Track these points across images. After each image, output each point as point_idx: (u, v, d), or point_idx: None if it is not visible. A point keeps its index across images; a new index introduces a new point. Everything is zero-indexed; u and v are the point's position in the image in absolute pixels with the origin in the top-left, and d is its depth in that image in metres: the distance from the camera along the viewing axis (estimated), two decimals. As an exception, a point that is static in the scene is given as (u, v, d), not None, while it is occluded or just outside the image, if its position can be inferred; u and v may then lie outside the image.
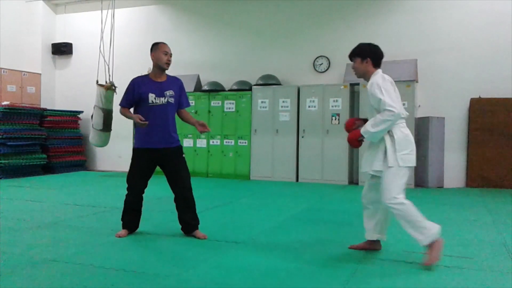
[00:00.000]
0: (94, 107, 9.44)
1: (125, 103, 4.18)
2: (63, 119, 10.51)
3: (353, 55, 3.64)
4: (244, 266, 3.36)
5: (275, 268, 3.30)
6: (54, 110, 10.48)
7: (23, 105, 10.12)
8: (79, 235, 4.29)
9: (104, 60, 9.28)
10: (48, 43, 11.46)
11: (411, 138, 3.47)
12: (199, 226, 4.26)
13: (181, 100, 4.27)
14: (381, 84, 3.44)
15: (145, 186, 4.25)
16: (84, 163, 10.98)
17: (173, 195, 4.25)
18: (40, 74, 11.25)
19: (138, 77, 4.25)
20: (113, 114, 9.58)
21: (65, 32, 11.55)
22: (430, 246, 3.33)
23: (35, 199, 6.49)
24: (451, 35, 8.34)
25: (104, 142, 9.63)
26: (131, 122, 10.63)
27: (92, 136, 9.59)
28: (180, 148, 4.26)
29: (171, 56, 4.17)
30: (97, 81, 9.40)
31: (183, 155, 4.26)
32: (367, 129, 3.44)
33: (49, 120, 10.11)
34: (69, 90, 11.52)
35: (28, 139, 9.46)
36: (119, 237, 4.17)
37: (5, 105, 9.27)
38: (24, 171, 9.43)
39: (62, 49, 11.40)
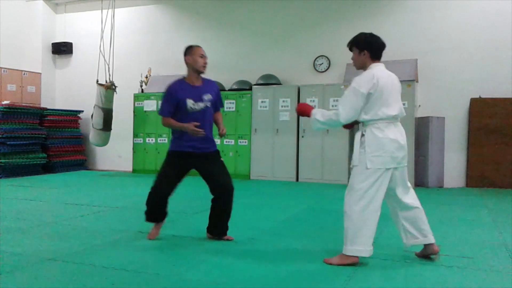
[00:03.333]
0: (94, 107, 9.47)
1: (167, 112, 3.93)
2: (63, 119, 10.51)
3: (351, 44, 3.62)
4: (244, 266, 3.36)
5: (275, 268, 3.29)
6: (54, 110, 10.48)
7: (23, 104, 10.12)
8: (79, 235, 4.29)
9: (104, 60, 9.30)
10: (48, 42, 11.46)
11: (385, 141, 3.30)
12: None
13: (216, 102, 4.11)
14: (356, 83, 3.37)
15: (174, 188, 4.07)
16: (84, 163, 10.98)
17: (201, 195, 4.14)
18: (40, 73, 11.25)
19: (175, 82, 4.04)
20: (113, 114, 9.63)
21: (65, 32, 11.55)
22: (344, 256, 3.31)
23: (35, 198, 6.49)
24: (451, 35, 8.34)
25: (104, 142, 9.66)
26: (131, 122, 10.67)
27: (92, 136, 9.62)
28: (218, 152, 4.12)
29: (207, 59, 4.04)
30: (97, 81, 9.42)
31: (221, 159, 4.13)
32: (316, 114, 3.43)
33: (49, 119, 10.11)
34: (69, 90, 11.52)
35: (28, 138, 9.46)
36: (152, 238, 4.04)
37: (5, 104, 9.28)
38: (24, 170, 9.43)
39: (62, 49, 11.40)
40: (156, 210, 4.07)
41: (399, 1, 8.76)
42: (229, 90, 9.49)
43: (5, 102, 9.56)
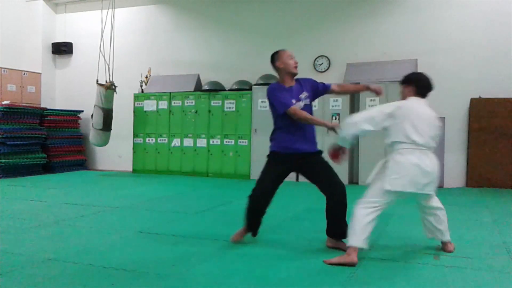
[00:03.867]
0: (94, 107, 9.47)
1: (290, 102, 3.82)
2: (63, 119, 10.51)
3: (403, 80, 3.84)
4: (244, 266, 3.36)
5: (275, 268, 3.30)
6: (54, 110, 10.47)
7: (23, 104, 10.13)
8: (79, 235, 4.29)
9: (104, 60, 9.29)
10: (48, 42, 11.46)
11: (406, 164, 3.43)
12: None
13: (318, 89, 4.03)
14: (384, 107, 3.68)
15: (276, 190, 4.00)
16: (84, 163, 10.98)
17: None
18: (40, 73, 11.25)
19: (274, 84, 4.01)
20: (113, 114, 9.63)
21: (65, 32, 11.55)
22: (344, 256, 3.41)
23: (35, 198, 6.49)
24: (451, 35, 8.34)
25: (104, 142, 9.66)
26: (131, 122, 10.66)
27: (92, 136, 9.62)
28: (321, 152, 4.05)
29: (295, 58, 3.98)
30: (97, 81, 9.42)
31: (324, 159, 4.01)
32: (340, 132, 3.79)
33: (49, 119, 10.11)
34: (69, 90, 11.53)
35: (28, 138, 9.46)
36: (235, 241, 3.97)
37: (5, 104, 9.28)
38: (24, 170, 9.43)
39: (62, 49, 11.40)
40: (255, 215, 3.99)
41: (399, 1, 8.76)
42: (229, 90, 9.49)
43: (5, 102, 9.57)
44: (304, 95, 3.92)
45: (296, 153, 3.90)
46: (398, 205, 6.11)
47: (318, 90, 4.06)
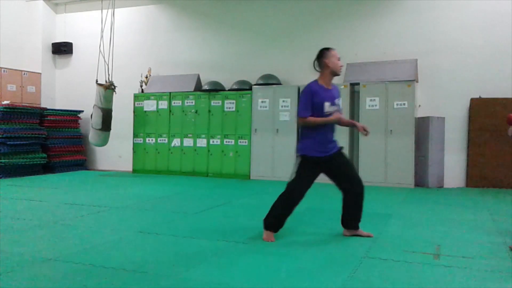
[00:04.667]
0: (93, 107, 9.46)
1: (307, 114, 3.95)
2: (63, 119, 10.51)
3: None
4: (244, 266, 3.36)
5: (275, 268, 3.30)
6: (54, 110, 10.48)
7: (23, 104, 10.13)
8: (79, 235, 4.29)
9: (104, 60, 9.29)
10: (48, 42, 11.46)
11: None
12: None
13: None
14: None
15: (304, 195, 4.14)
16: (84, 163, 10.98)
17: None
18: (40, 73, 11.25)
19: (313, 84, 4.06)
20: (113, 114, 9.63)
21: (65, 32, 11.55)
22: None
23: (35, 198, 6.49)
24: (451, 35, 8.34)
25: (103, 142, 9.66)
26: (131, 122, 10.69)
27: (92, 136, 9.62)
28: (341, 148, 4.17)
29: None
30: (97, 81, 9.42)
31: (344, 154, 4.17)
32: None
33: (49, 119, 10.12)
34: (69, 90, 11.53)
35: (28, 138, 9.47)
36: (269, 241, 4.01)
37: (5, 104, 9.28)
38: (24, 170, 9.43)
39: (62, 49, 11.41)
40: (283, 217, 4.09)
41: (399, 1, 8.76)
42: (229, 90, 9.49)
43: (5, 102, 9.57)
44: (338, 101, 4.06)
45: (324, 156, 4.01)
46: (398, 205, 6.12)
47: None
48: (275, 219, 4.08)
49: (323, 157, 4.00)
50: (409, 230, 4.56)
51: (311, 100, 3.95)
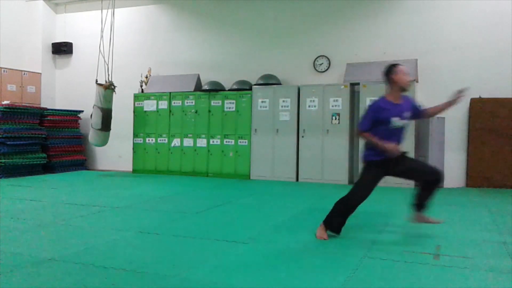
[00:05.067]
0: (93, 107, 9.46)
1: (366, 128, 4.11)
2: (63, 119, 10.51)
3: None
4: (244, 266, 3.36)
5: (275, 268, 3.30)
6: (54, 110, 10.48)
7: (23, 104, 10.13)
8: (79, 235, 4.29)
9: (104, 60, 9.30)
10: (48, 42, 11.46)
11: None
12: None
13: (415, 110, 4.25)
14: None
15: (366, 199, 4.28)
16: (84, 163, 10.98)
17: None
18: (40, 73, 11.25)
19: (380, 101, 4.14)
20: (113, 114, 9.63)
21: (65, 32, 11.55)
22: None
23: (35, 198, 6.49)
24: (452, 35, 8.34)
25: (103, 142, 9.65)
26: (131, 122, 10.68)
27: (91, 136, 9.62)
28: (405, 153, 4.25)
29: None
30: (97, 81, 9.42)
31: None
32: None
33: (49, 119, 10.11)
34: (69, 90, 11.53)
35: (28, 138, 9.47)
36: (321, 238, 4.16)
37: (5, 104, 9.28)
38: (24, 170, 9.43)
39: (62, 49, 11.40)
40: (345, 218, 4.25)
41: (399, 1, 8.76)
42: (229, 90, 9.49)
43: (5, 102, 9.57)
44: (407, 114, 4.13)
45: (388, 158, 4.10)
46: (398, 205, 6.12)
47: (416, 112, 4.25)
48: (336, 220, 4.25)
49: (384, 159, 4.09)
50: (409, 230, 4.56)
51: (376, 116, 4.06)
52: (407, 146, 7.94)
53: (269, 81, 9.18)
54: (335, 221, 4.24)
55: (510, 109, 7.77)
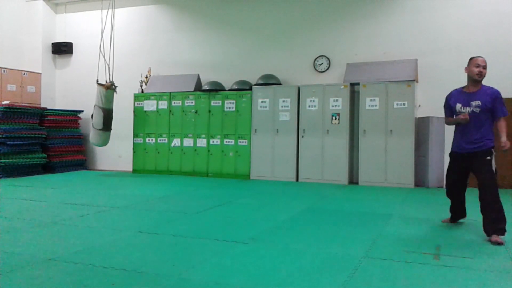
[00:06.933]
0: (94, 107, 9.47)
1: (447, 114, 4.75)
2: (63, 119, 10.51)
3: None
4: (244, 265, 3.36)
5: (275, 268, 3.30)
6: (54, 110, 10.48)
7: (23, 104, 10.13)
8: (79, 235, 4.29)
9: (104, 60, 9.30)
10: (48, 42, 11.47)
11: None
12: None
13: (493, 110, 4.34)
14: None
15: (461, 183, 4.78)
16: (84, 163, 10.99)
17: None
18: (40, 73, 11.25)
19: (454, 90, 4.68)
20: (113, 114, 9.63)
21: (65, 32, 11.56)
22: None
23: (35, 198, 6.49)
24: (451, 35, 8.34)
25: (104, 142, 9.66)
26: (131, 122, 10.71)
27: (92, 136, 9.62)
28: (485, 151, 4.41)
29: (484, 68, 4.34)
30: (97, 81, 9.42)
31: (488, 158, 4.42)
32: None
33: (49, 119, 10.12)
34: (69, 90, 11.53)
35: (28, 138, 9.47)
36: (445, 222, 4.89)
37: (5, 104, 9.28)
38: (24, 170, 9.44)
39: (62, 49, 11.41)
40: (451, 208, 4.88)
41: (399, 1, 8.76)
42: (229, 90, 9.50)
43: (5, 102, 9.57)
44: (476, 103, 4.35)
45: (460, 152, 4.54)
46: (398, 205, 6.12)
47: (493, 109, 4.33)
48: (450, 209, 4.91)
49: (459, 153, 4.53)
50: (409, 230, 4.56)
51: (448, 103, 4.64)
52: (408, 146, 7.96)
53: (269, 81, 9.18)
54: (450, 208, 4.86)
55: (509, 109, 7.73)
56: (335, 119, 8.48)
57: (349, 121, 8.42)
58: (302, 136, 8.72)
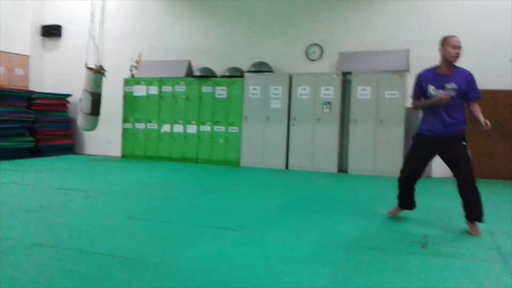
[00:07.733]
0: (83, 91, 9.35)
1: (416, 96, 4.33)
2: (52, 102, 10.38)
3: None
4: (234, 254, 3.37)
5: (265, 256, 3.31)
6: (43, 93, 10.34)
7: (11, 87, 9.97)
8: (67, 220, 4.26)
9: (94, 43, 9.18)
10: (38, 25, 11.25)
11: None
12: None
13: (466, 93, 4.13)
14: None
15: (422, 170, 4.38)
16: (72, 147, 10.88)
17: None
18: (29, 56, 11.06)
19: (424, 70, 4.30)
20: (103, 99, 9.53)
21: (55, 14, 11.34)
22: None
23: (23, 182, 6.42)
24: (445, 25, 8.32)
25: (92, 126, 9.58)
26: (120, 107, 10.55)
27: (80, 120, 9.53)
28: (460, 136, 4.24)
29: (459, 49, 4.08)
30: (86, 64, 9.30)
31: (464, 143, 4.24)
32: None
33: (37, 103, 9.97)
34: (58, 73, 11.35)
35: (15, 121, 9.34)
36: (391, 214, 4.63)
37: (-8, 87, 9.13)
38: (11, 154, 9.31)
39: (51, 31, 11.21)
40: (402, 195, 4.52)
41: (392, -10, 8.72)
42: (220, 76, 9.43)
43: (-8, 84, 9.41)
44: (451, 86, 4.08)
45: (431, 136, 4.21)
46: (387, 194, 6.16)
47: (467, 92, 4.14)
48: (398, 196, 4.56)
49: (429, 136, 4.20)
50: (397, 219, 4.60)
51: (419, 83, 4.25)
52: (398, 136, 7.99)
53: (261, 68, 9.13)
54: (397, 197, 4.58)
55: (505, 101, 7.81)
56: (327, 107, 8.47)
57: (340, 110, 8.42)
58: (293, 124, 8.71)
